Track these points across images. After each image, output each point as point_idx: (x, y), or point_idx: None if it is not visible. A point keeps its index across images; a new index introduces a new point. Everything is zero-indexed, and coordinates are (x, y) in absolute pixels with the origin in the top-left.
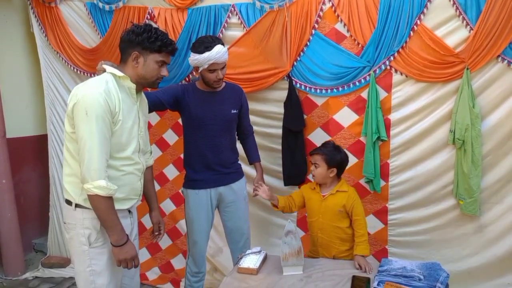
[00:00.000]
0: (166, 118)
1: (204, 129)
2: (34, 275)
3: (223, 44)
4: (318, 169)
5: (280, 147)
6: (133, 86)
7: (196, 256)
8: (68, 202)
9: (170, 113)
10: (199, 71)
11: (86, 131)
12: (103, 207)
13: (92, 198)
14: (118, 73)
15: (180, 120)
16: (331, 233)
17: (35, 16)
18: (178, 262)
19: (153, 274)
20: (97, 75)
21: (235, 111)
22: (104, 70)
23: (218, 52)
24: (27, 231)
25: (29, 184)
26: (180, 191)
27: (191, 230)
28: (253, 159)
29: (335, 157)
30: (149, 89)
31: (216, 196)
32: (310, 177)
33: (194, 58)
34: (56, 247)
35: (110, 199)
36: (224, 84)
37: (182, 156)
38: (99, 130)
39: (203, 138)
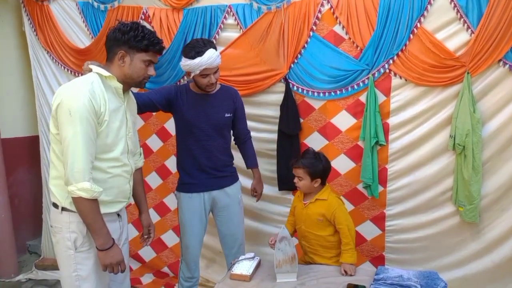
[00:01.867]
0: (150, 123)
1: (196, 132)
2: (27, 277)
3: (215, 47)
4: (302, 181)
5: (275, 153)
6: (120, 86)
7: (189, 261)
8: (55, 205)
9: (155, 118)
10: (191, 76)
11: (69, 132)
12: (87, 210)
13: (76, 200)
14: (104, 72)
15: (166, 125)
16: (312, 241)
17: (27, 15)
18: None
19: (147, 278)
20: (82, 75)
21: (229, 115)
22: (90, 70)
23: (209, 58)
24: (21, 232)
25: (23, 186)
26: (173, 193)
27: (184, 234)
28: (250, 164)
29: (317, 168)
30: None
31: (209, 200)
32: None
33: (186, 64)
34: (50, 249)
35: (95, 201)
36: (219, 86)
37: (166, 163)
38: (83, 131)
39: (195, 141)
